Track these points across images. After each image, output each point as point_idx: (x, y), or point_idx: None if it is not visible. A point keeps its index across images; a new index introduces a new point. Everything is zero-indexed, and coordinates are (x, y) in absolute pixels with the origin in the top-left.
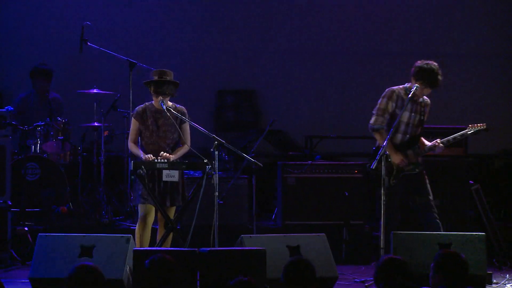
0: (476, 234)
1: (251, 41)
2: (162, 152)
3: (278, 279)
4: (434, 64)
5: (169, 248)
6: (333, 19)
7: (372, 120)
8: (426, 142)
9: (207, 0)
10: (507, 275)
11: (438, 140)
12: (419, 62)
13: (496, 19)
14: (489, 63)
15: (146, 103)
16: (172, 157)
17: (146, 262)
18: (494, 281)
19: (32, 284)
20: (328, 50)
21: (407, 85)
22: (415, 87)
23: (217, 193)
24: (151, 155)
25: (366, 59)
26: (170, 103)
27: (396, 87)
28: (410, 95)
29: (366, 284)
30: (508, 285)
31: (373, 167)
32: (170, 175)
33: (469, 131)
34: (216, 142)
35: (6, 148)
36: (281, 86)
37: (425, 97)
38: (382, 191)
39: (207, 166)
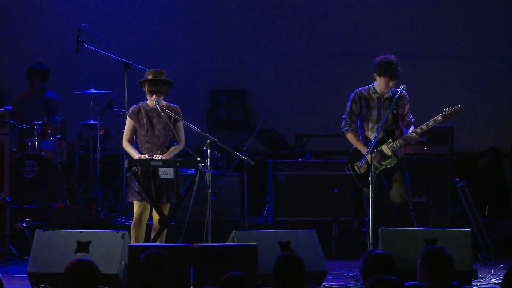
0: (461, 230)
1: (243, 42)
2: (156, 155)
3: (269, 274)
4: (391, 56)
5: (164, 244)
6: (322, 20)
7: (342, 124)
8: (413, 128)
9: (200, 2)
10: (492, 270)
11: (413, 129)
12: (377, 58)
13: (485, 21)
14: (474, 64)
15: (141, 103)
16: (165, 156)
17: (141, 256)
18: (480, 276)
19: (30, 279)
20: (317, 50)
21: (371, 85)
22: (371, 85)
23: (210, 190)
24: (146, 155)
25: (355, 59)
26: (164, 103)
27: (359, 88)
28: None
29: (355, 279)
30: (493, 280)
31: (360, 166)
32: (166, 173)
33: (443, 114)
34: (209, 140)
35: (4, 146)
36: (272, 86)
37: (398, 90)
38: (371, 188)
39: (200, 164)
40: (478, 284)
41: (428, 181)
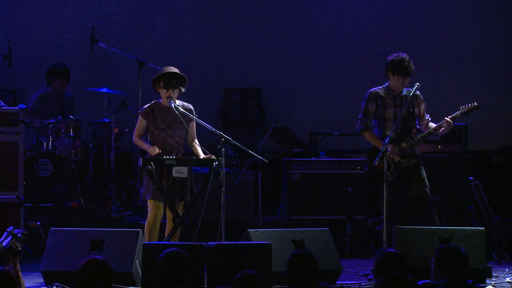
0: (476, 229)
1: (257, 40)
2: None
3: (283, 272)
4: (403, 54)
5: (178, 242)
6: (337, 18)
7: (357, 124)
8: (431, 124)
9: (214, 0)
10: (507, 269)
11: (447, 118)
12: (389, 56)
13: (497, 19)
14: (488, 62)
15: (154, 102)
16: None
17: (160, 256)
18: (494, 274)
19: (44, 277)
20: (331, 48)
21: (384, 85)
22: (385, 85)
23: (224, 189)
24: (156, 147)
25: (369, 57)
26: (178, 101)
27: (374, 88)
28: (375, 91)
29: (369, 278)
30: (507, 279)
31: (375, 164)
32: (180, 171)
33: (461, 111)
34: (223, 139)
35: (19, 145)
36: (286, 85)
37: (411, 89)
38: (385, 187)
39: (214, 163)
40: (493, 283)
41: (442, 179)
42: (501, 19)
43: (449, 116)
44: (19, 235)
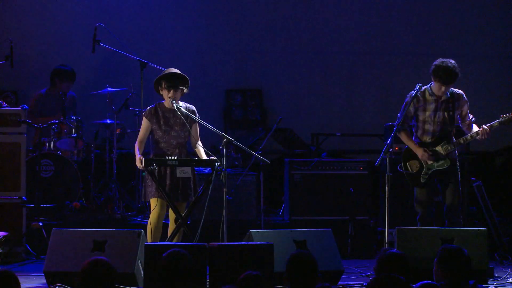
0: (478, 229)
1: (258, 41)
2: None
3: (283, 273)
4: (450, 61)
5: (180, 243)
6: (338, 19)
7: (395, 123)
8: (473, 127)
9: (215, 1)
10: (509, 269)
11: (484, 126)
12: (437, 60)
13: (500, 20)
14: (491, 63)
15: (157, 103)
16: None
17: (163, 255)
18: (496, 275)
19: (46, 278)
20: (333, 49)
21: (428, 86)
22: (428, 86)
23: (226, 189)
24: (139, 161)
25: (371, 58)
26: (181, 103)
27: (415, 90)
28: (413, 94)
29: (371, 278)
30: (510, 279)
31: (377, 164)
32: (184, 172)
33: (501, 120)
34: (225, 139)
35: (21, 145)
36: (288, 85)
37: (455, 90)
38: (387, 187)
39: (216, 163)
40: (495, 284)
41: None
42: (504, 20)
43: (487, 124)
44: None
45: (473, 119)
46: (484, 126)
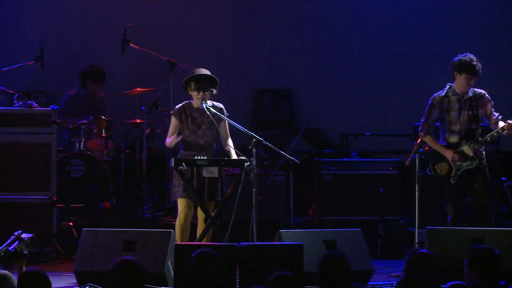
0: (509, 230)
1: (288, 41)
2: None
3: (315, 273)
4: (470, 54)
5: (209, 243)
6: (368, 19)
7: (419, 128)
8: (500, 124)
9: (245, 1)
10: None
11: (509, 121)
12: (455, 58)
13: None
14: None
15: (186, 102)
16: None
17: (192, 256)
18: None
19: (76, 277)
20: (363, 49)
21: (446, 87)
22: (448, 86)
23: (255, 190)
24: (175, 136)
25: (400, 59)
26: (209, 102)
27: (437, 92)
28: (442, 95)
29: (400, 278)
30: None
31: (407, 164)
32: (210, 171)
33: None
34: (254, 139)
35: (51, 145)
36: (317, 86)
37: (476, 90)
38: (417, 187)
39: (246, 163)
40: None
41: None
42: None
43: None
44: (25, 238)
45: (499, 116)
46: (509, 120)
